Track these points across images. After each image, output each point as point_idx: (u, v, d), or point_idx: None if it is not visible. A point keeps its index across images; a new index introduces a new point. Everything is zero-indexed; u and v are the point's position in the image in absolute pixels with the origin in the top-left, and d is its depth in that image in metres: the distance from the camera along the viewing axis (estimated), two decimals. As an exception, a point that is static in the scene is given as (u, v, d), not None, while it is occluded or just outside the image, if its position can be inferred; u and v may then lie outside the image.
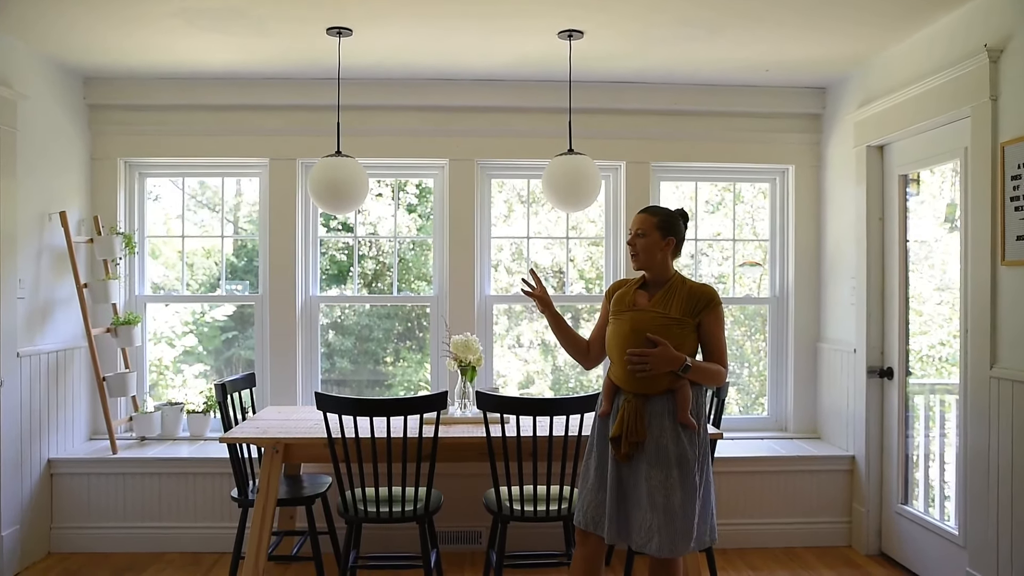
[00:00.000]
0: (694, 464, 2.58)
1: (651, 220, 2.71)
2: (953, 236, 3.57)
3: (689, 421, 2.59)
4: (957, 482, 3.45)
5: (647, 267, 2.73)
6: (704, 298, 2.65)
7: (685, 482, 2.56)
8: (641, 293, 2.74)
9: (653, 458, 2.57)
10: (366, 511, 3.17)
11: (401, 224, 4.82)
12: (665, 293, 2.67)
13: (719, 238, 4.85)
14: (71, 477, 4.06)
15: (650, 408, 2.61)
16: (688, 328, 2.63)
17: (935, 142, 3.61)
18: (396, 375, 4.86)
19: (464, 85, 4.43)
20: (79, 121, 4.34)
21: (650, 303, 2.67)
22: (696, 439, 2.62)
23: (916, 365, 3.89)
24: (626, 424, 2.58)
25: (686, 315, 2.63)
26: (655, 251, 2.70)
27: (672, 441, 2.57)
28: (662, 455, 2.57)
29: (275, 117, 4.46)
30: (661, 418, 2.60)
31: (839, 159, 4.38)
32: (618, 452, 2.60)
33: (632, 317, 2.67)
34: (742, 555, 4.08)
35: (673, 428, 2.59)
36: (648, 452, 2.58)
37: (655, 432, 2.59)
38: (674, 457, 2.56)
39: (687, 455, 2.57)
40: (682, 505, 2.54)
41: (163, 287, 4.76)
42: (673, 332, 2.61)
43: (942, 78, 3.41)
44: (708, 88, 4.48)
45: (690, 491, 2.56)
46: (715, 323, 2.65)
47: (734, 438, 4.49)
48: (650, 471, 2.57)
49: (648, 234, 2.70)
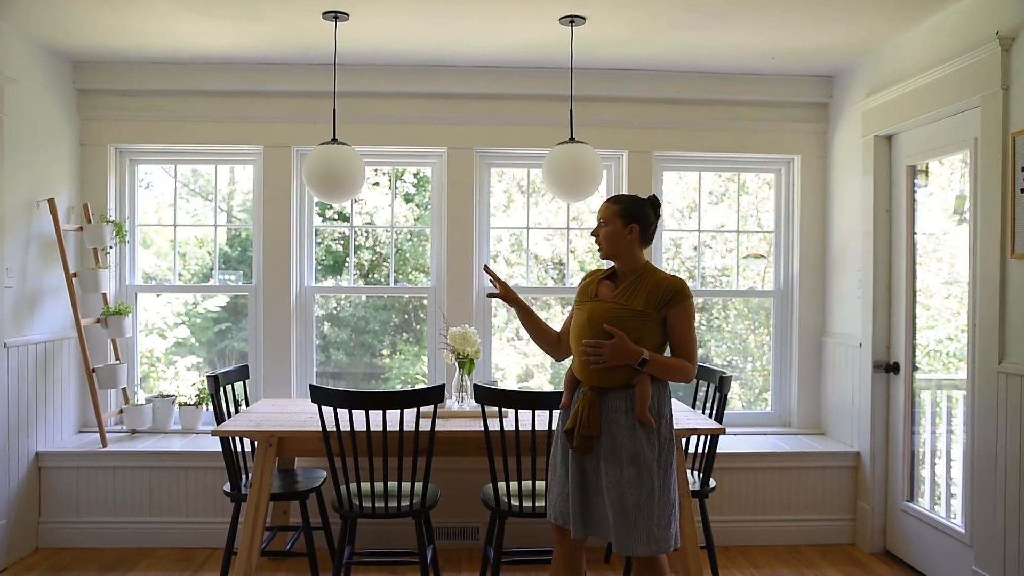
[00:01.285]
0: (652, 464, 2.53)
1: (613, 208, 2.68)
2: (962, 228, 3.56)
3: (647, 418, 2.54)
4: (964, 479, 3.45)
5: (612, 257, 2.70)
6: (670, 291, 2.59)
7: (641, 481, 2.52)
8: (607, 284, 2.72)
9: (609, 454, 2.56)
10: (361, 506, 3.16)
11: (398, 214, 4.80)
12: (631, 284, 2.63)
13: (723, 230, 4.84)
14: (60, 471, 4.05)
15: (607, 402, 2.58)
16: (651, 321, 2.58)
17: (944, 132, 3.59)
18: (393, 368, 4.85)
19: (463, 71, 4.41)
20: (68, 106, 4.31)
21: (613, 294, 2.65)
22: (656, 438, 2.56)
23: (923, 360, 3.89)
24: (579, 417, 2.57)
25: (650, 308, 2.58)
26: (618, 240, 2.66)
27: (628, 438, 2.54)
28: (617, 451, 2.54)
29: (270, 103, 4.44)
30: (618, 413, 2.57)
31: (846, 149, 4.37)
32: (572, 445, 2.60)
33: (591, 307, 2.65)
34: (745, 553, 4.08)
35: (630, 424, 2.55)
36: (604, 447, 2.57)
37: (611, 427, 2.56)
38: (629, 454, 2.53)
39: (644, 454, 2.53)
40: (636, 505, 2.51)
41: (155, 277, 4.74)
42: (632, 324, 2.56)
43: (952, 67, 3.39)
44: (712, 76, 4.46)
45: (647, 491, 2.52)
46: (682, 317, 2.60)
47: (737, 433, 4.49)
48: (606, 467, 2.56)
49: (610, 222, 2.67)
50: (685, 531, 3.28)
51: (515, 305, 2.92)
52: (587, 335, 2.61)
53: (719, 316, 4.95)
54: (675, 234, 4.85)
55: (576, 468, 2.64)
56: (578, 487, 2.63)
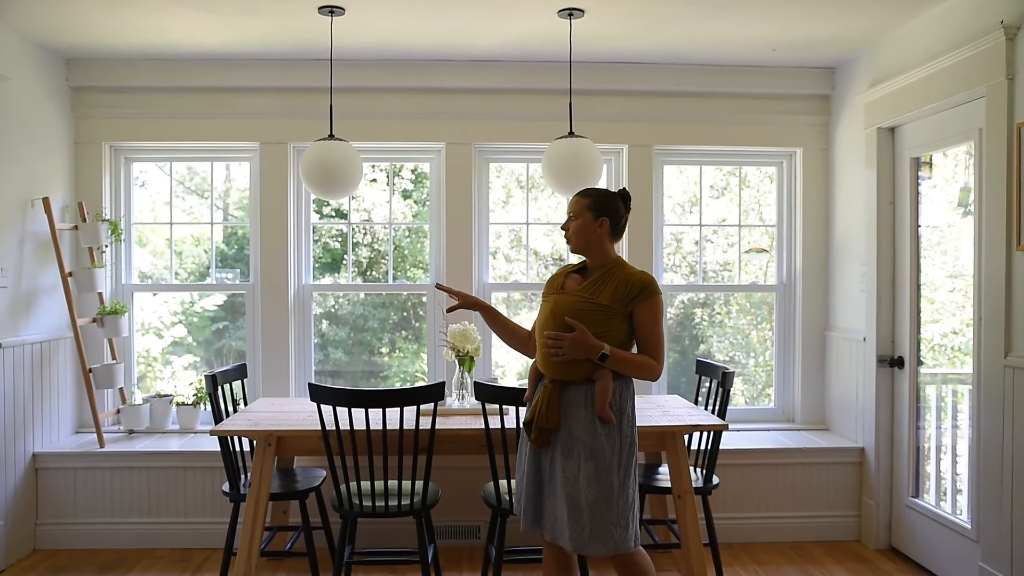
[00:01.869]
0: (612, 461, 2.53)
1: (582, 201, 2.67)
2: (967, 221, 3.55)
3: (607, 414, 2.53)
4: (970, 475, 3.44)
5: (582, 250, 2.69)
6: (637, 286, 2.57)
7: (600, 479, 2.51)
8: (575, 277, 2.71)
9: (567, 449, 2.55)
10: (361, 505, 3.16)
11: (396, 210, 4.79)
12: (599, 278, 2.62)
13: (724, 224, 4.83)
14: (57, 472, 4.05)
15: (568, 396, 2.58)
16: (616, 316, 2.57)
17: (948, 123, 3.58)
18: (392, 366, 4.85)
19: (461, 66, 4.39)
20: (62, 104, 4.30)
21: (579, 287, 2.64)
22: (616, 435, 2.55)
23: (928, 354, 3.88)
24: (538, 410, 2.57)
25: (616, 303, 2.57)
26: (588, 233, 2.65)
27: (587, 433, 2.54)
28: (576, 447, 2.54)
29: (266, 99, 4.43)
30: (578, 408, 2.56)
31: (848, 142, 4.36)
32: (530, 438, 2.60)
33: (556, 300, 2.65)
34: (748, 550, 4.07)
35: (589, 420, 2.54)
36: (563, 442, 2.56)
37: (570, 422, 2.56)
38: (588, 450, 2.53)
39: (603, 450, 2.52)
40: (593, 502, 2.50)
41: (151, 276, 4.73)
42: (596, 318, 2.55)
43: (956, 56, 3.38)
44: (713, 68, 4.45)
45: (604, 489, 2.51)
46: (648, 313, 2.58)
47: (740, 429, 4.49)
48: (564, 462, 2.55)
49: (580, 216, 2.66)
50: (688, 529, 3.29)
51: (479, 308, 2.90)
52: (551, 328, 2.60)
53: (721, 311, 4.94)
54: (676, 229, 4.84)
55: (532, 461, 2.65)
56: (532, 481, 2.64)
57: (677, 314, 4.89)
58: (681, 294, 4.88)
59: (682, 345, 4.87)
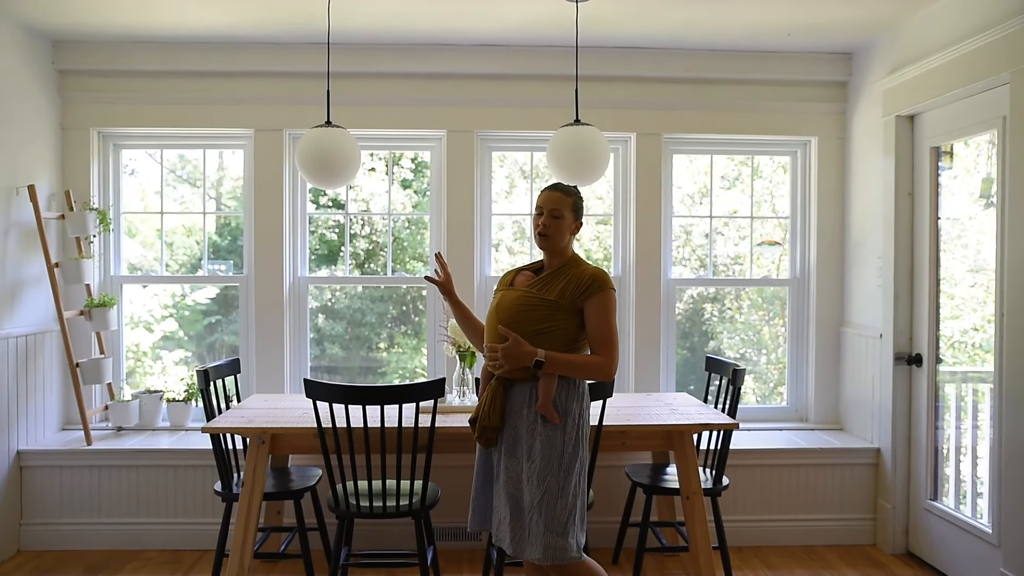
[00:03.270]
0: (552, 462, 2.52)
1: (567, 200, 2.69)
2: (989, 213, 3.52)
3: (549, 412, 2.54)
4: (991, 477, 3.42)
5: (553, 248, 2.70)
6: (587, 281, 2.60)
7: (539, 479, 2.51)
8: (527, 274, 2.74)
9: (510, 447, 2.58)
10: (358, 506, 3.14)
11: (395, 200, 4.77)
12: (552, 275, 2.65)
13: (736, 216, 4.80)
14: (42, 470, 4.03)
15: (512, 395, 2.60)
16: (563, 312, 2.58)
17: (971, 111, 3.54)
18: (390, 362, 4.83)
19: (463, 51, 4.36)
20: (48, 88, 4.27)
21: (529, 283, 2.66)
22: (560, 435, 2.55)
23: (947, 352, 3.85)
24: (482, 408, 2.60)
25: (565, 298, 2.58)
26: (565, 234, 2.69)
27: (528, 432, 2.55)
28: (518, 446, 2.56)
29: (260, 85, 4.40)
30: (521, 406, 2.58)
31: (866, 130, 4.32)
32: (475, 436, 2.63)
33: (501, 295, 2.69)
34: (759, 553, 4.05)
35: (533, 419, 2.55)
36: (506, 440, 2.59)
37: (514, 420, 2.58)
38: (528, 450, 2.54)
39: (544, 450, 2.53)
40: (531, 504, 2.51)
41: (140, 267, 4.71)
42: (540, 314, 2.57)
43: (979, 41, 3.34)
44: (725, 54, 4.42)
45: (543, 490, 2.51)
46: (598, 310, 2.58)
47: (751, 429, 4.47)
48: (507, 461, 2.58)
49: (563, 216, 2.68)
50: (697, 531, 3.27)
51: (451, 301, 2.92)
52: (493, 323, 2.65)
53: (732, 306, 4.92)
54: (686, 220, 4.81)
55: (482, 461, 2.70)
56: (480, 480, 2.70)
57: (686, 309, 4.87)
58: (690, 288, 4.85)
59: (691, 341, 4.84)
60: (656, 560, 3.97)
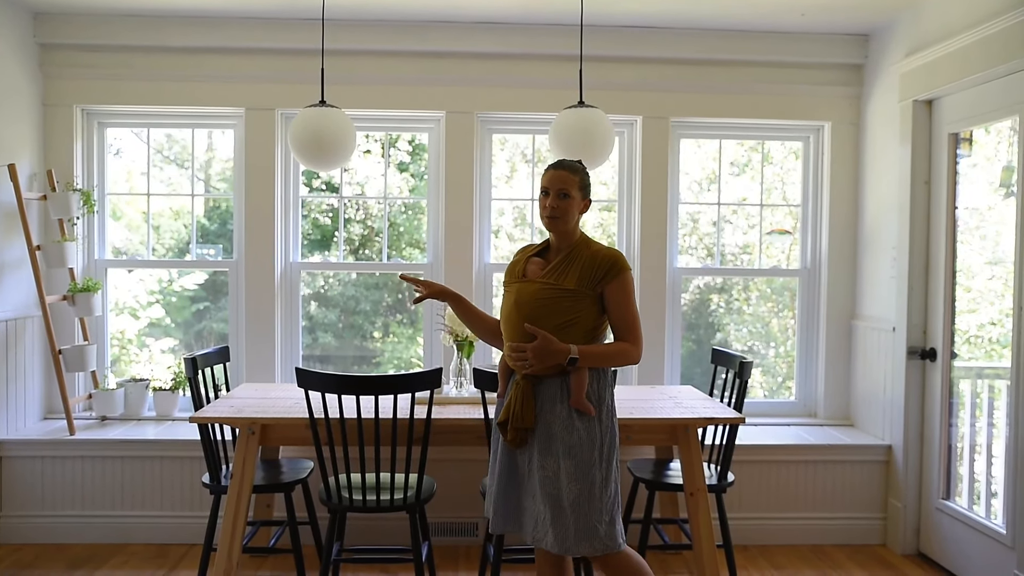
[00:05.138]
0: (593, 454, 2.52)
1: (574, 179, 2.64)
2: (1008, 203, 3.51)
3: (584, 405, 2.52)
4: (1006, 476, 3.42)
5: (563, 231, 2.65)
6: (605, 264, 2.56)
7: (581, 474, 2.51)
8: (537, 261, 2.68)
9: (544, 446, 2.54)
10: (351, 499, 3.14)
11: (392, 184, 4.76)
12: (564, 260, 2.60)
13: (745, 203, 4.79)
14: (23, 460, 4.02)
15: (542, 391, 2.57)
16: (585, 300, 2.55)
17: (991, 96, 3.53)
18: (385, 351, 4.83)
19: (463, 28, 4.34)
20: (29, 63, 4.24)
21: (543, 272, 2.62)
22: (596, 426, 2.54)
23: (962, 346, 3.85)
24: (512, 409, 2.55)
25: (583, 285, 2.55)
26: (574, 214, 2.64)
27: (564, 428, 2.53)
28: (554, 443, 2.53)
29: (252, 62, 4.37)
30: (553, 403, 2.55)
31: (881, 115, 4.31)
32: (506, 438, 2.58)
33: (518, 289, 2.63)
34: (765, 552, 4.06)
35: (567, 414, 2.54)
36: (539, 439, 2.55)
37: (546, 417, 2.55)
38: (567, 446, 2.52)
39: (583, 444, 2.52)
40: (576, 500, 2.50)
41: (126, 251, 4.69)
42: (564, 305, 2.54)
43: (1002, 23, 3.32)
44: (736, 34, 4.40)
45: (588, 484, 2.50)
46: (620, 293, 2.56)
47: (758, 424, 4.47)
48: (542, 460, 2.54)
49: (572, 195, 2.63)
50: (701, 529, 3.27)
51: (448, 299, 2.85)
52: (516, 321, 2.58)
53: (739, 297, 4.92)
54: (693, 208, 4.80)
55: (507, 460, 2.64)
56: (505, 480, 2.64)
57: (692, 300, 4.86)
58: (697, 278, 4.85)
59: (697, 333, 4.84)
60: (659, 558, 3.98)
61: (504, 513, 2.64)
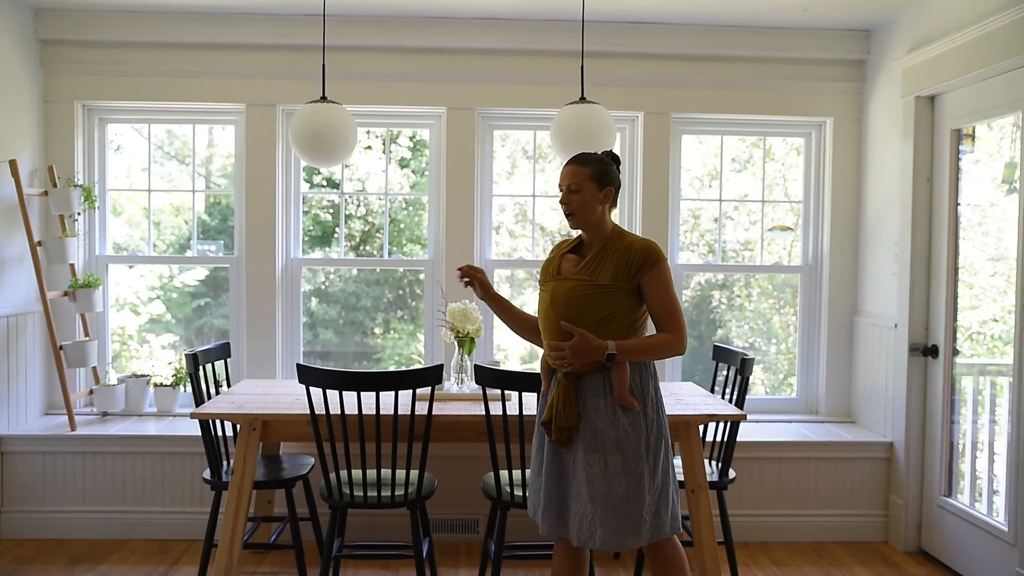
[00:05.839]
0: (640, 448, 2.52)
1: (583, 171, 2.61)
2: (1011, 199, 3.51)
3: (628, 400, 2.52)
4: (1008, 474, 3.42)
5: (586, 226, 2.65)
6: (639, 256, 2.53)
7: (629, 469, 2.50)
8: (571, 257, 2.67)
9: (590, 443, 2.53)
10: (352, 495, 3.14)
11: (393, 180, 4.76)
12: (598, 255, 2.59)
13: (746, 199, 4.78)
14: (24, 456, 4.03)
15: (584, 388, 2.56)
16: (621, 295, 2.53)
17: (995, 92, 3.52)
18: (386, 348, 4.83)
19: (464, 24, 4.34)
20: (30, 58, 4.24)
21: (577, 269, 2.60)
22: (642, 420, 2.54)
23: (964, 343, 3.84)
24: (555, 408, 2.55)
25: (619, 279, 2.53)
26: (593, 207, 2.61)
27: (610, 424, 2.52)
28: (600, 440, 2.52)
29: (253, 58, 4.37)
30: (596, 399, 2.54)
31: (884, 111, 4.30)
32: (551, 438, 2.57)
33: (553, 287, 2.62)
34: (766, 549, 4.07)
35: (611, 409, 2.53)
36: (584, 436, 2.54)
37: (590, 414, 2.54)
38: (613, 442, 2.51)
39: (629, 439, 2.51)
40: (626, 495, 2.50)
41: (126, 247, 4.69)
42: (599, 301, 2.53)
43: (1006, 18, 3.31)
44: (737, 30, 4.39)
45: (636, 479, 2.50)
46: (657, 284, 2.53)
47: (759, 421, 4.47)
48: (588, 458, 2.53)
49: (583, 188, 2.60)
50: (702, 526, 3.27)
51: (490, 301, 2.84)
52: (553, 319, 2.57)
53: (741, 294, 4.91)
54: (694, 204, 4.80)
55: (553, 460, 2.62)
56: (553, 482, 2.62)
57: (693, 296, 4.86)
58: (698, 275, 4.84)
59: (699, 330, 4.84)
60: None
61: (554, 517, 2.63)
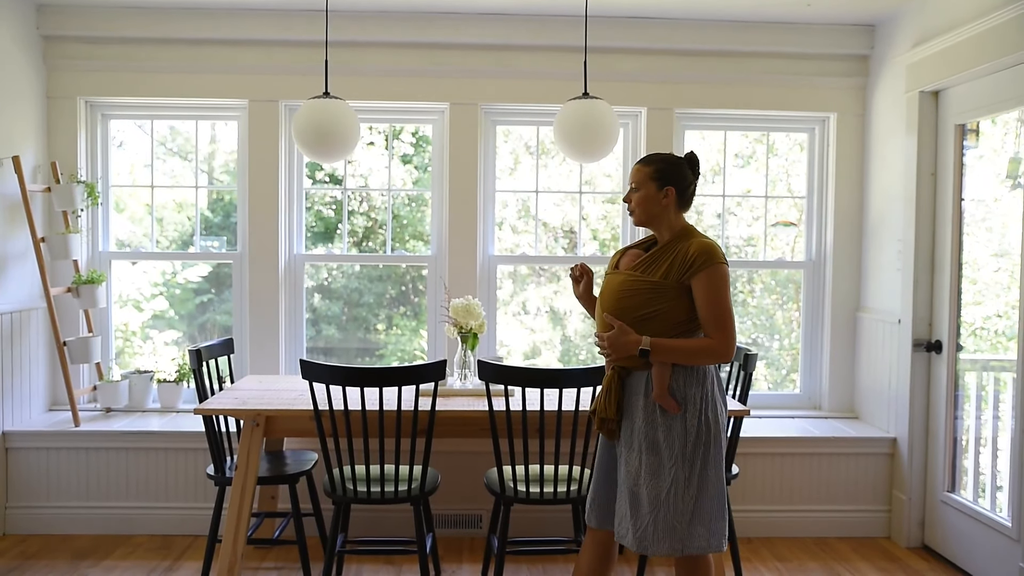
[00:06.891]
0: (674, 452, 2.50)
1: (645, 170, 2.63)
2: (1015, 195, 3.50)
3: (667, 401, 2.50)
4: (1011, 469, 3.42)
5: (647, 223, 2.66)
6: (692, 257, 2.50)
7: (659, 472, 2.50)
8: (632, 252, 2.69)
9: (628, 439, 2.56)
10: (355, 491, 3.15)
11: (395, 176, 4.75)
12: (659, 253, 2.59)
13: (749, 195, 4.78)
14: (28, 452, 4.04)
15: (629, 384, 2.59)
16: (669, 294, 2.52)
17: (999, 87, 3.51)
18: (389, 344, 4.83)
19: (467, 19, 4.33)
20: (33, 54, 4.24)
21: (634, 264, 2.62)
22: (680, 425, 2.51)
23: (968, 339, 3.84)
24: (599, 399, 2.59)
25: (670, 278, 2.52)
26: (652, 205, 2.61)
27: (646, 423, 2.53)
28: (635, 437, 2.54)
29: (255, 53, 4.37)
30: (637, 396, 2.56)
31: (887, 107, 4.29)
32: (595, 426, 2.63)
33: (607, 281, 2.67)
34: (769, 545, 4.07)
35: (649, 409, 2.53)
36: (624, 432, 2.58)
37: (631, 411, 2.57)
38: (649, 441, 2.51)
39: (663, 441, 2.51)
40: (655, 498, 2.49)
41: (129, 243, 4.70)
42: (643, 298, 2.53)
43: (1010, 12, 3.30)
44: (741, 25, 4.38)
45: (666, 483, 2.49)
46: (706, 287, 2.49)
47: (762, 416, 4.47)
48: (627, 454, 2.56)
49: (643, 186, 2.62)
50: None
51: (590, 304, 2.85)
52: (599, 310, 2.64)
53: (744, 289, 4.91)
54: (697, 200, 4.74)
55: (604, 453, 2.68)
56: (601, 473, 2.68)
57: (696, 292, 4.85)
58: (701, 271, 4.83)
59: (701, 326, 4.83)
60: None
61: (599, 508, 2.67)
